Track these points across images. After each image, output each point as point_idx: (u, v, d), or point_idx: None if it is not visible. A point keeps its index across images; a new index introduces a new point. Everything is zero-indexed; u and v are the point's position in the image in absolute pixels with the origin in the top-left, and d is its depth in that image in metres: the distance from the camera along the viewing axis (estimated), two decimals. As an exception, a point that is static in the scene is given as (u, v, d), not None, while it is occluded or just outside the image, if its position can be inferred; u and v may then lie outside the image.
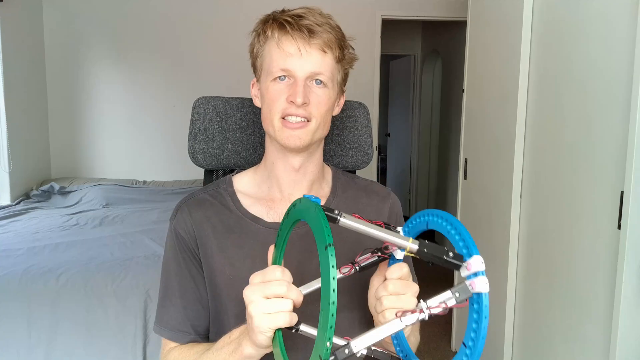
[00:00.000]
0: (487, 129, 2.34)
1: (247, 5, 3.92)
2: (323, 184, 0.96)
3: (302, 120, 0.84)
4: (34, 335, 1.93)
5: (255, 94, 0.93)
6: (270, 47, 0.85)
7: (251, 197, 0.93)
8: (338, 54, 0.85)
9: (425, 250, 0.63)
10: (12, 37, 3.42)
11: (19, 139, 3.50)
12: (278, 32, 0.83)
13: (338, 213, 0.63)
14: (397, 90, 6.34)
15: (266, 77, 0.86)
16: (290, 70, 0.83)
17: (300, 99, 0.81)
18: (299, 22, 0.82)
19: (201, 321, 0.90)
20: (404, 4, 4.22)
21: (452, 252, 0.62)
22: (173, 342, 0.90)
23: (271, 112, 0.85)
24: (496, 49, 2.23)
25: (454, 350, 2.80)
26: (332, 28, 0.84)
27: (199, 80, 4.04)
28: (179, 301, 0.89)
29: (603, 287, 1.48)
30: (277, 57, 0.83)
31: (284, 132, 0.84)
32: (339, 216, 0.63)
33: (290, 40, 0.82)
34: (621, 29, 1.41)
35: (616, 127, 1.42)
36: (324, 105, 0.85)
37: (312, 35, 0.82)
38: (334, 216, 0.62)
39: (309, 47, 0.82)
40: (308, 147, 0.87)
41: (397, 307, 0.67)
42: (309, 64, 0.83)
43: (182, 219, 0.90)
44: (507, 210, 2.08)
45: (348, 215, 0.64)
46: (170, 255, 0.91)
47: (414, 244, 0.64)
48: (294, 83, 0.83)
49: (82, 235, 2.60)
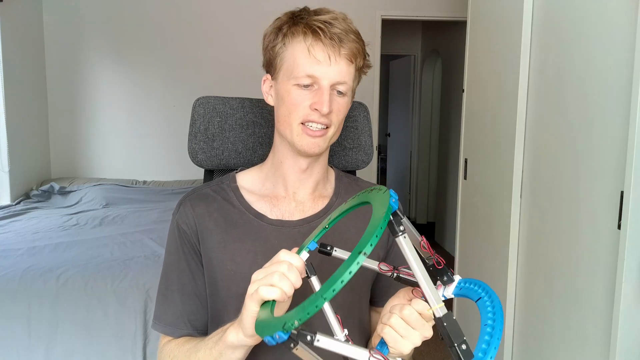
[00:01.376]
0: (487, 129, 2.34)
1: (248, 5, 3.92)
2: (327, 185, 0.97)
3: (322, 127, 0.85)
4: (34, 335, 1.93)
5: (267, 90, 0.92)
6: (296, 49, 0.83)
7: (255, 193, 0.93)
8: (361, 63, 0.86)
9: (445, 324, 0.60)
10: (12, 37, 3.42)
11: (19, 139, 3.50)
12: (312, 37, 0.82)
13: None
14: (397, 90, 6.34)
15: (287, 79, 0.85)
16: (316, 78, 0.82)
17: (326, 109, 0.82)
18: (331, 30, 0.82)
19: (198, 316, 0.90)
20: (404, 4, 4.21)
21: (466, 345, 0.60)
22: (169, 336, 0.90)
23: (291, 116, 0.84)
24: (496, 49, 2.23)
25: (454, 350, 2.80)
26: (357, 37, 0.85)
27: (199, 80, 4.04)
28: (177, 295, 0.90)
29: (603, 287, 1.48)
30: (305, 62, 0.82)
31: (303, 139, 0.85)
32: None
33: (322, 47, 0.82)
34: (621, 29, 1.41)
35: (616, 127, 1.42)
36: (342, 113, 0.87)
37: (341, 44, 0.82)
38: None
39: (339, 56, 0.82)
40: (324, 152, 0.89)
41: (400, 333, 0.65)
42: (335, 73, 0.83)
43: (185, 213, 0.90)
44: (507, 210, 2.08)
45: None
46: (171, 249, 0.92)
47: (441, 311, 0.62)
48: (318, 90, 0.83)
49: (82, 235, 2.60)
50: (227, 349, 0.73)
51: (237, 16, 3.96)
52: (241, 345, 0.72)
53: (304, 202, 0.92)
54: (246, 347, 0.74)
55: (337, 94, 0.85)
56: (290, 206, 0.92)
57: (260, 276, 0.66)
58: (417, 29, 5.72)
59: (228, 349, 0.74)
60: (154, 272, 2.09)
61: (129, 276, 2.07)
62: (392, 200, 0.60)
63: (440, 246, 5.02)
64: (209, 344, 0.77)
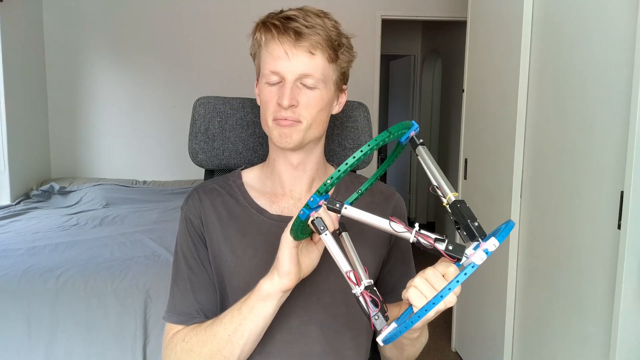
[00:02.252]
0: (487, 129, 2.34)
1: (248, 5, 3.92)
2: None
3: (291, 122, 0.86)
4: (34, 335, 1.93)
5: (258, 94, 0.94)
6: (262, 49, 0.87)
7: (257, 190, 0.95)
8: (329, 54, 0.86)
9: (459, 205, 0.64)
10: (12, 37, 3.42)
11: (19, 139, 3.50)
12: (265, 35, 0.85)
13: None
14: (397, 90, 6.34)
15: (261, 79, 0.88)
16: (279, 73, 0.85)
17: (286, 102, 0.83)
18: (287, 25, 0.83)
19: (210, 304, 0.91)
20: (404, 4, 4.22)
21: (478, 223, 0.62)
22: (180, 325, 0.89)
23: (265, 113, 0.88)
24: (496, 49, 2.23)
25: (454, 350, 2.80)
26: (324, 29, 0.84)
27: (199, 80, 4.04)
28: (188, 284, 0.91)
29: (603, 287, 1.48)
30: (268, 60, 0.86)
31: (275, 131, 0.86)
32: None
33: (277, 44, 0.84)
34: (621, 29, 1.41)
35: (616, 127, 1.42)
36: (314, 107, 0.86)
37: (298, 37, 0.83)
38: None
39: (295, 49, 0.83)
40: (302, 145, 0.88)
41: (423, 293, 0.64)
42: (296, 66, 0.84)
43: (193, 205, 0.93)
44: (507, 210, 2.08)
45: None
46: (181, 240, 0.93)
47: (454, 198, 0.66)
48: (282, 85, 0.85)
49: (81, 235, 2.60)
50: (258, 300, 0.77)
51: (237, 16, 3.96)
52: (275, 291, 0.76)
53: (302, 199, 0.93)
54: (278, 298, 0.77)
55: (306, 88, 0.85)
56: (289, 203, 0.93)
57: None
58: (417, 29, 5.72)
59: (259, 301, 0.77)
60: (154, 272, 2.09)
61: (129, 276, 2.07)
62: (414, 122, 0.68)
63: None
64: (234, 308, 0.80)
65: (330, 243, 0.69)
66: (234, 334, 0.79)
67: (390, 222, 0.65)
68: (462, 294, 0.68)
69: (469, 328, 2.59)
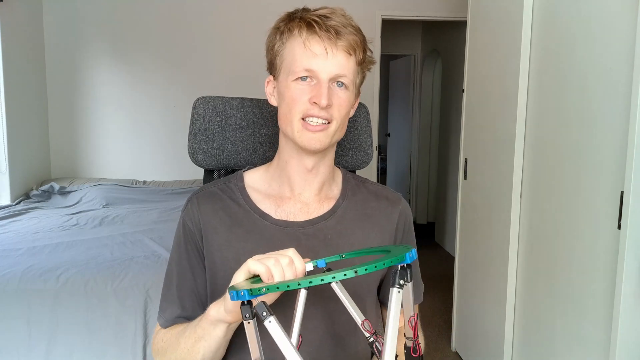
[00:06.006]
0: (487, 129, 2.34)
1: (248, 5, 3.92)
2: (333, 186, 0.95)
3: (323, 122, 0.83)
4: (34, 335, 1.93)
5: (271, 92, 0.92)
6: (293, 46, 0.83)
7: (261, 193, 0.92)
8: (361, 56, 0.85)
9: None
10: (12, 37, 3.42)
11: (19, 139, 3.50)
12: (306, 31, 0.82)
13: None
14: (397, 90, 6.34)
15: (286, 76, 0.84)
16: (314, 71, 0.82)
17: (325, 101, 0.81)
18: (327, 23, 0.81)
19: (195, 312, 0.90)
20: (404, 4, 4.21)
21: None
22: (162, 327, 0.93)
23: (291, 112, 0.84)
24: (496, 49, 2.23)
25: (454, 350, 2.80)
26: (356, 30, 0.84)
27: (199, 80, 4.04)
28: (176, 291, 0.91)
29: (603, 287, 1.48)
30: (302, 57, 0.82)
31: (304, 135, 0.84)
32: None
33: (317, 40, 0.81)
34: (621, 29, 1.41)
35: (616, 127, 1.42)
36: (344, 108, 0.85)
37: (338, 36, 0.82)
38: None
39: (336, 48, 0.82)
40: (327, 147, 0.87)
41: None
42: (334, 65, 0.82)
43: (191, 211, 0.91)
44: (507, 210, 2.08)
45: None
46: (176, 245, 0.93)
47: None
48: (317, 84, 0.82)
49: (82, 235, 2.60)
50: (208, 324, 0.76)
51: (238, 16, 3.96)
52: (220, 320, 0.74)
53: (310, 203, 0.91)
54: (225, 325, 0.76)
55: (339, 87, 0.84)
56: (295, 207, 0.91)
57: (259, 257, 0.69)
58: (417, 29, 5.72)
59: (209, 325, 0.76)
60: (154, 272, 2.09)
61: (129, 276, 2.07)
62: (408, 255, 0.59)
63: (440, 246, 5.02)
64: (193, 324, 0.81)
65: (275, 332, 0.57)
66: (192, 348, 0.80)
67: (364, 323, 0.68)
68: (462, 294, 0.67)
69: (469, 328, 2.59)
